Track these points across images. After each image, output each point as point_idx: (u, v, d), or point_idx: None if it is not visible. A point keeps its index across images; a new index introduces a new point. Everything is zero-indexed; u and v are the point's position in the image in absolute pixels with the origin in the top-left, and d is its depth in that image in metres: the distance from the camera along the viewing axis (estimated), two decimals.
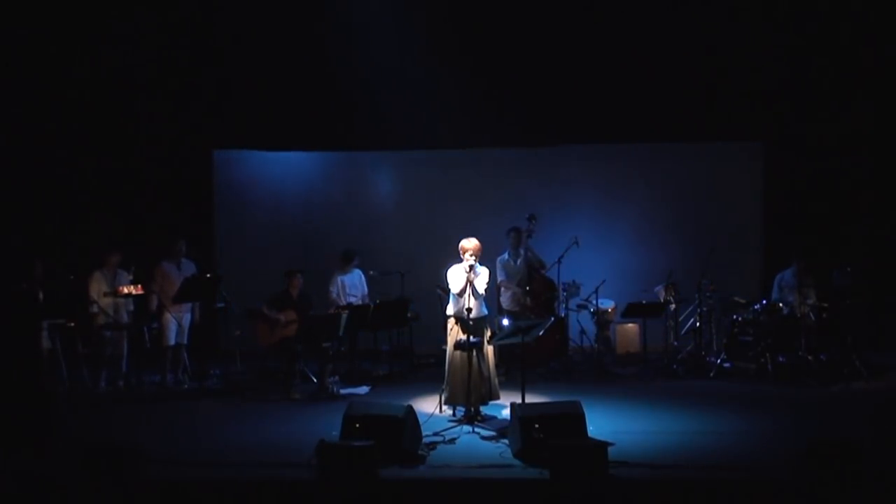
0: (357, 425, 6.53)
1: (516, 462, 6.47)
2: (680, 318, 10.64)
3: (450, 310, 7.92)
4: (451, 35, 11.17)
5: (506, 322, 9.16)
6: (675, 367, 10.21)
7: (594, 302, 10.54)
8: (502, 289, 10.17)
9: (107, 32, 11.08)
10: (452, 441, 7.12)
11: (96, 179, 11.40)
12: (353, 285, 10.30)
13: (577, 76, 11.21)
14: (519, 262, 10.10)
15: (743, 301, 10.18)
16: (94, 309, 9.18)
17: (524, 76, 11.27)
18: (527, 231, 10.10)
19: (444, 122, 11.31)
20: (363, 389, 9.43)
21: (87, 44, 11.07)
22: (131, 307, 9.53)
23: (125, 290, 9.02)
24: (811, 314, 9.88)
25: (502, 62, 11.20)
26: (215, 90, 11.52)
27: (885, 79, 11.08)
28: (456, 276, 7.81)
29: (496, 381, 7.96)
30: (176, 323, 9.42)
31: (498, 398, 7.95)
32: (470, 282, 7.69)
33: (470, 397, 7.63)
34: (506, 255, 10.22)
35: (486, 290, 7.89)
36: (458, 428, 7.45)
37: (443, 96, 11.13)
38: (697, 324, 10.28)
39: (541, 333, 7.96)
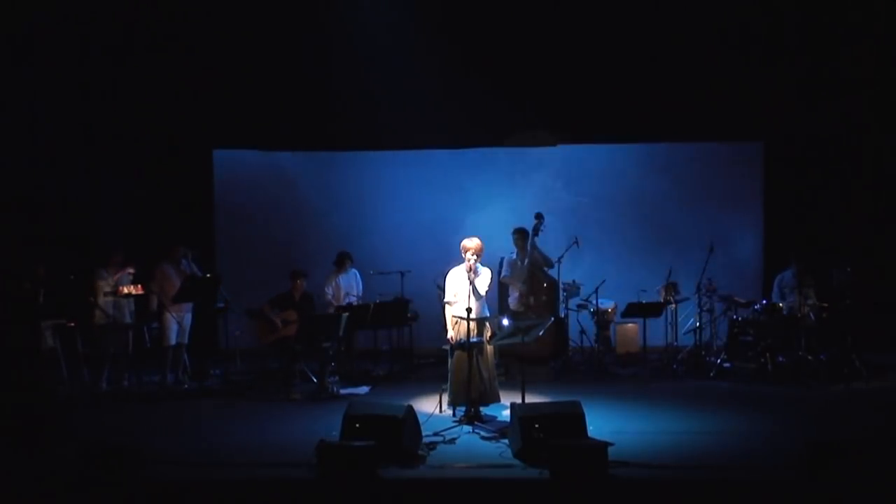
0: (357, 425, 6.53)
1: (516, 462, 6.46)
2: (680, 318, 10.64)
3: (451, 310, 7.92)
4: (451, 34, 11.18)
5: (506, 322, 9.14)
6: (675, 367, 10.22)
7: (594, 302, 10.54)
8: (510, 288, 10.16)
9: (106, 32, 11.10)
10: (452, 441, 7.11)
11: (96, 179, 11.41)
12: (348, 285, 10.32)
13: (577, 77, 11.23)
14: (525, 261, 10.10)
15: (743, 301, 10.18)
16: (96, 309, 9.21)
17: (525, 76, 11.28)
18: (534, 229, 10.10)
19: (444, 121, 11.32)
20: (363, 389, 9.43)
21: (86, 44, 11.08)
22: (132, 307, 9.55)
23: (125, 290, 9.05)
24: (811, 314, 9.88)
25: (503, 62, 11.21)
26: (215, 90, 11.53)
27: (885, 78, 11.08)
28: (457, 279, 7.80)
29: (496, 383, 7.95)
30: (176, 323, 9.42)
31: (498, 401, 7.93)
32: (471, 282, 7.68)
33: (471, 397, 7.62)
34: (513, 255, 10.21)
35: (487, 292, 7.88)
36: (458, 428, 7.44)
37: (443, 96, 11.13)
38: (697, 324, 10.29)
39: (540, 333, 7.95)
